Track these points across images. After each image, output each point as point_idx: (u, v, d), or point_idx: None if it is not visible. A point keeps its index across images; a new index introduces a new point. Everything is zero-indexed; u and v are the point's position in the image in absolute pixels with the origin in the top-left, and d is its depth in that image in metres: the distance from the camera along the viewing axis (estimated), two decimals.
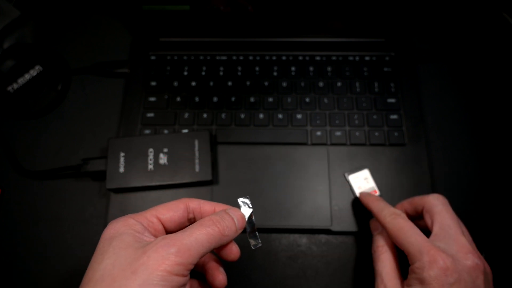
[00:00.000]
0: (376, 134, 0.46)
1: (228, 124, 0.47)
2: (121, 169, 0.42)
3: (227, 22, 0.51)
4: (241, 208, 0.29)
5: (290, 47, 0.52)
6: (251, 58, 0.51)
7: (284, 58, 0.51)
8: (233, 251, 0.29)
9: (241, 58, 0.51)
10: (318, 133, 0.46)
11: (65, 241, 0.42)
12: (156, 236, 0.26)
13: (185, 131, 0.46)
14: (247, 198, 0.30)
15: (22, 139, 0.47)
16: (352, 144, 0.45)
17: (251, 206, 0.30)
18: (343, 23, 0.51)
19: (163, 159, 0.43)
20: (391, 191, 0.43)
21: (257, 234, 0.30)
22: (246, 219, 0.29)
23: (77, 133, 0.48)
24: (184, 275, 0.23)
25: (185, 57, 0.51)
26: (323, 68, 0.50)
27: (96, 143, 0.47)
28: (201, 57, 0.51)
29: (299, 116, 0.47)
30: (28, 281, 0.41)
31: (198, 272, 0.31)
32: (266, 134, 0.46)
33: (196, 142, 0.43)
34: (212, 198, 0.43)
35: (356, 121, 0.47)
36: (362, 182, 0.43)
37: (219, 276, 0.29)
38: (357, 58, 0.50)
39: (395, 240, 0.32)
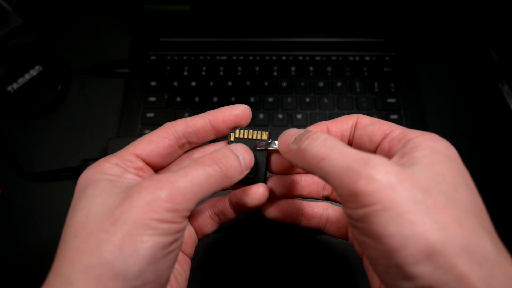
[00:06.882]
0: None
1: None
2: None
3: (227, 22, 0.51)
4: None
5: (290, 47, 0.52)
6: (251, 58, 0.51)
7: (284, 58, 0.51)
8: (259, 191, 0.23)
9: (241, 58, 0.51)
10: None
11: None
12: (141, 177, 0.22)
13: None
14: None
15: (22, 139, 0.47)
16: None
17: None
18: (343, 23, 0.51)
19: None
20: None
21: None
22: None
23: (77, 133, 0.48)
24: (177, 222, 0.19)
25: (185, 57, 0.51)
26: (323, 68, 0.50)
27: (96, 143, 0.47)
28: (201, 57, 0.51)
29: (299, 116, 0.47)
30: (29, 281, 0.41)
31: None
32: None
33: None
34: None
35: None
36: None
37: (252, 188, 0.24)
38: (357, 58, 0.50)
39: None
